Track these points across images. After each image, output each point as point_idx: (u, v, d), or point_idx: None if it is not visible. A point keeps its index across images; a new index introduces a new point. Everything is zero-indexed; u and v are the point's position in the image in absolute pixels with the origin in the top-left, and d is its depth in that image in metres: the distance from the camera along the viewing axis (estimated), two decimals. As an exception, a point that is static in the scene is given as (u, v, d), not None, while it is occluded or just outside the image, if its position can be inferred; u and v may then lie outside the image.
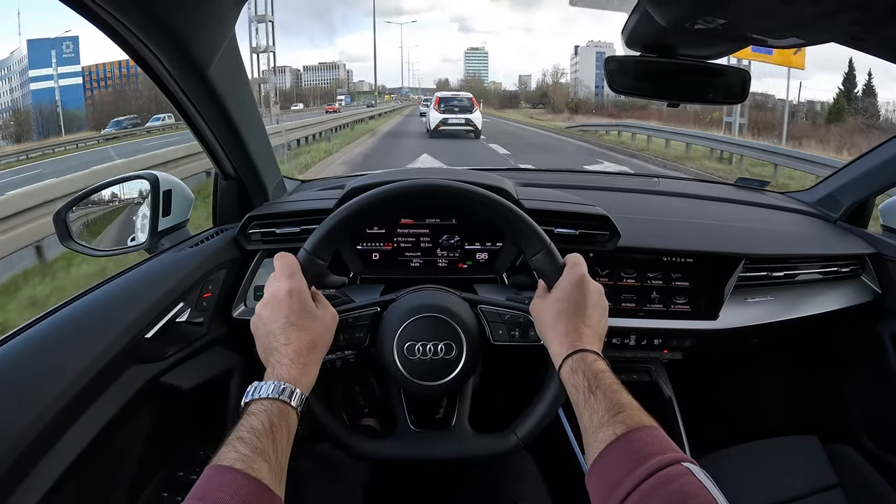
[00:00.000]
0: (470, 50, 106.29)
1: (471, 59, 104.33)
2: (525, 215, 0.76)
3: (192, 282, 0.94)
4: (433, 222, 1.06)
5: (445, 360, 0.75)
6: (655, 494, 0.49)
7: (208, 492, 0.49)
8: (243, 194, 1.14)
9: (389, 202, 0.76)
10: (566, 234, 1.04)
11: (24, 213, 4.14)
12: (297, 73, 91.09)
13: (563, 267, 0.73)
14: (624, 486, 0.50)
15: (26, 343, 0.72)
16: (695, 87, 0.97)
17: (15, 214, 4.09)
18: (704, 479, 0.49)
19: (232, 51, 0.90)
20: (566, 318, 0.68)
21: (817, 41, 0.79)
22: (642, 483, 0.50)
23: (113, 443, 0.78)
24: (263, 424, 0.56)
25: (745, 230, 1.25)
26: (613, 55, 0.96)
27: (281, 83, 78.84)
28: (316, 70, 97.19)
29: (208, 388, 0.96)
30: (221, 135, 1.00)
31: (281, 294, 0.66)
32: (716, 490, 0.48)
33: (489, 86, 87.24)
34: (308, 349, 0.65)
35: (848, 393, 1.39)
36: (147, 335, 0.82)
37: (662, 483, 0.49)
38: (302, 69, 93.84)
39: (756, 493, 1.07)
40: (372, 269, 1.08)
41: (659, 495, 0.48)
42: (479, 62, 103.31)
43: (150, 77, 0.83)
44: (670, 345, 1.15)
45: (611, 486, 0.52)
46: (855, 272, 1.26)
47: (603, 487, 0.53)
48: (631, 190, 1.47)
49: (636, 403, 0.59)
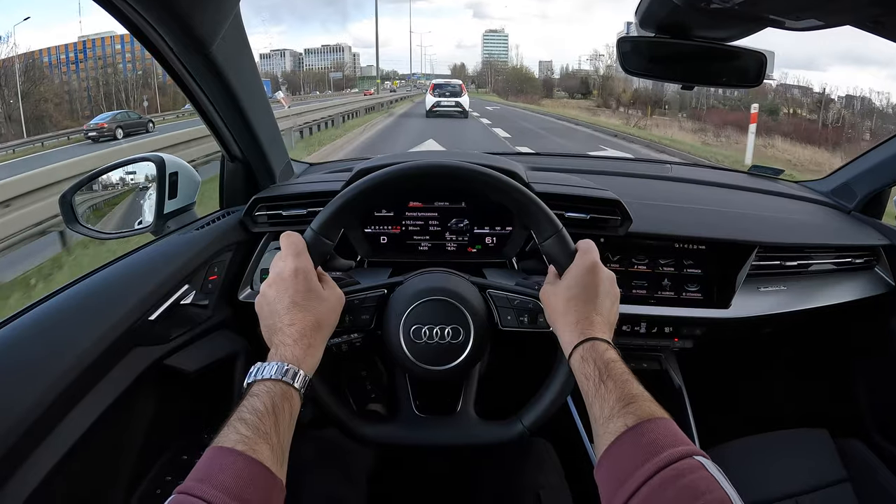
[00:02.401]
0: (489, 32, 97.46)
1: (490, 42, 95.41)
2: (537, 199, 0.74)
3: (197, 264, 0.93)
4: (442, 205, 1.05)
5: (452, 344, 0.74)
6: (667, 488, 0.47)
7: (208, 474, 0.48)
8: (250, 177, 1.14)
9: (399, 182, 0.74)
10: (577, 219, 1.02)
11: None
12: (298, 57, 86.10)
13: (574, 253, 0.71)
14: (634, 479, 0.49)
15: (29, 324, 0.72)
16: (709, 69, 0.95)
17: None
18: (717, 474, 0.48)
19: (236, 28, 0.89)
20: (577, 306, 0.67)
21: (835, 23, 0.77)
22: (653, 476, 0.48)
23: (116, 425, 0.77)
24: (266, 406, 0.55)
25: (758, 218, 1.23)
26: (626, 35, 0.93)
27: (280, 67, 77.23)
28: (318, 53, 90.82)
29: (213, 371, 0.95)
30: (227, 115, 0.99)
31: (286, 273, 0.65)
32: (728, 485, 0.47)
33: (516, 70, 78.06)
34: (313, 330, 0.64)
35: (859, 386, 1.37)
36: (151, 317, 0.82)
37: (674, 477, 0.47)
38: (303, 52, 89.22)
39: (764, 485, 1.06)
40: (379, 252, 1.07)
41: (670, 489, 0.47)
42: (499, 45, 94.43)
43: (153, 55, 0.82)
44: (681, 333, 1.13)
45: (621, 479, 0.50)
46: (869, 263, 1.24)
47: (613, 479, 0.52)
48: (642, 175, 1.45)
49: (648, 394, 0.57)
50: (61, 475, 0.66)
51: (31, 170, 4.49)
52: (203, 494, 0.46)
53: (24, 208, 4.06)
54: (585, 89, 49.51)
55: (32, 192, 4.15)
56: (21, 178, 4.23)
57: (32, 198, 4.13)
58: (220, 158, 1.15)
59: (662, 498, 0.47)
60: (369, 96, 29.83)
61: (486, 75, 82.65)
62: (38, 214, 4.12)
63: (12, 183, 4.11)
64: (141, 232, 1.05)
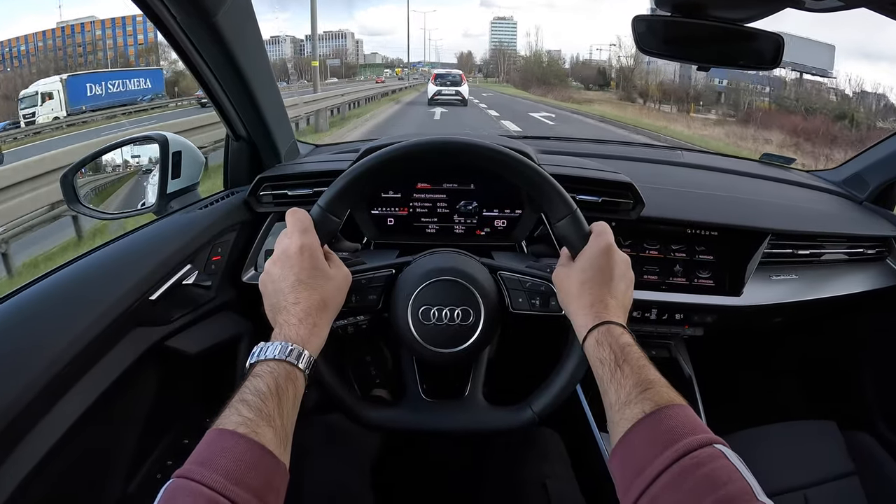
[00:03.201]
0: (497, 20, 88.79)
1: (498, 29, 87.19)
2: (551, 178, 0.71)
3: (200, 244, 0.92)
4: (450, 187, 1.03)
5: (462, 326, 0.72)
6: (686, 478, 0.45)
7: (209, 457, 0.46)
8: (255, 157, 1.12)
9: (409, 159, 0.72)
10: (589, 202, 1.00)
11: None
12: (300, 44, 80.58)
13: (588, 235, 0.69)
14: (653, 467, 0.47)
15: (27, 302, 0.70)
16: (725, 51, 0.92)
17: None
18: (738, 463, 0.46)
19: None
20: (591, 289, 0.64)
21: (855, 4, 0.75)
22: (673, 464, 0.46)
23: (116, 407, 0.76)
24: (269, 387, 0.53)
25: (770, 205, 1.21)
26: (642, 15, 0.91)
27: (279, 54, 75.68)
28: (320, 39, 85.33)
29: (215, 353, 0.94)
30: (232, 91, 0.97)
31: (292, 250, 0.63)
32: (749, 474, 0.45)
33: (536, 56, 69.39)
34: (318, 309, 0.62)
35: (868, 379, 1.36)
36: (152, 297, 0.80)
37: (694, 466, 0.46)
38: (305, 39, 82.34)
39: (771, 477, 1.04)
40: (386, 234, 1.05)
41: (689, 479, 0.45)
42: (508, 33, 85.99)
43: (155, 24, 0.79)
44: (692, 320, 1.12)
45: (638, 467, 0.48)
46: (880, 254, 1.22)
47: (629, 467, 0.50)
48: (654, 160, 1.43)
49: (664, 380, 0.56)
50: (59, 457, 0.64)
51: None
52: (203, 479, 0.44)
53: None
54: (603, 80, 44.57)
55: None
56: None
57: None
58: (225, 138, 1.13)
59: (681, 488, 0.45)
60: (381, 84, 29.58)
61: (496, 63, 78.05)
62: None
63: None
64: (143, 212, 1.04)
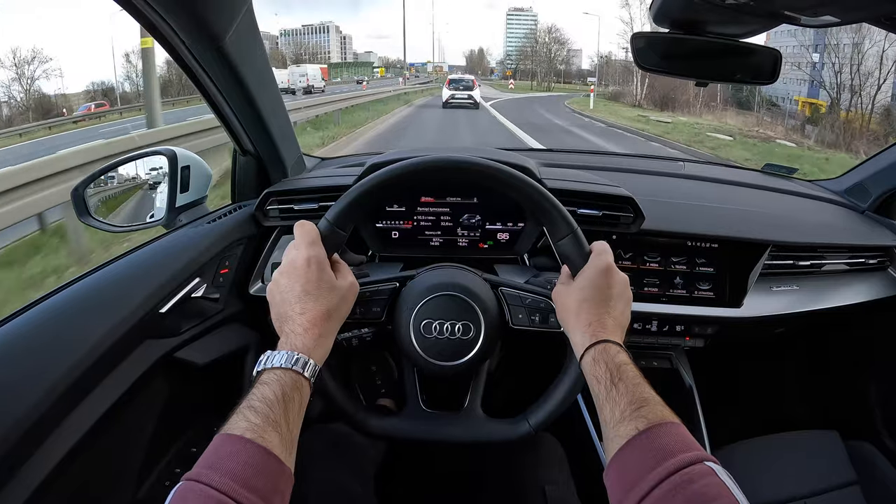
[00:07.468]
0: (514, 11, 78.20)
1: (515, 22, 77.11)
2: (553, 198, 0.73)
3: (208, 257, 0.94)
4: (454, 201, 1.05)
5: (462, 340, 0.74)
6: (676, 494, 0.46)
7: (217, 461, 0.48)
8: (262, 171, 1.14)
9: (414, 176, 0.74)
10: (589, 216, 1.02)
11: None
12: (275, 40, 71.64)
13: (589, 254, 0.70)
14: (645, 483, 0.48)
15: (40, 316, 0.72)
16: (724, 66, 0.94)
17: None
18: (727, 480, 0.47)
19: (249, 23, 0.89)
20: (590, 307, 0.66)
21: (851, 20, 0.77)
22: (663, 482, 0.48)
23: (126, 417, 0.78)
24: (276, 394, 0.55)
25: (771, 217, 1.22)
26: (640, 32, 0.93)
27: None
28: (298, 34, 75.78)
29: (223, 364, 0.96)
30: (239, 109, 0.99)
31: (299, 262, 0.65)
32: (739, 492, 0.46)
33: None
34: (323, 319, 0.64)
35: (870, 388, 1.35)
36: (162, 310, 0.82)
37: (684, 482, 0.47)
38: (279, 34, 72.62)
39: (773, 487, 1.05)
40: (391, 247, 1.07)
41: (680, 495, 0.46)
42: (527, 26, 74.54)
43: (165, 48, 0.82)
44: (692, 332, 1.12)
45: (630, 483, 0.50)
46: (882, 264, 1.22)
47: (622, 483, 0.51)
48: (655, 172, 1.44)
49: (659, 398, 0.57)
50: (71, 466, 0.66)
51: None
52: (210, 481, 0.46)
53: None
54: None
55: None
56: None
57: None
58: (232, 153, 1.15)
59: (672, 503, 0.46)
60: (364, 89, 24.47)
61: (525, 62, 65.86)
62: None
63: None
64: (152, 225, 1.05)
